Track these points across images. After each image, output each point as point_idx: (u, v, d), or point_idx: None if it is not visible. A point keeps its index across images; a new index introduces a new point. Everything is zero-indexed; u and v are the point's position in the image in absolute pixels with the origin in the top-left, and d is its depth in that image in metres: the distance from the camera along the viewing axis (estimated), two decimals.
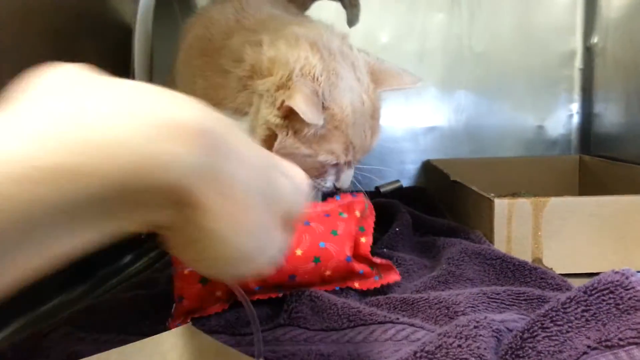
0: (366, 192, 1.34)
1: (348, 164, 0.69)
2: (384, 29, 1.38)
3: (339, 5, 1.34)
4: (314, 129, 0.62)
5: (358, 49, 0.74)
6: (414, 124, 1.40)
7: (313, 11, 1.31)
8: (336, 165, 0.68)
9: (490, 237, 0.81)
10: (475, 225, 0.89)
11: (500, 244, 0.80)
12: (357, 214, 0.67)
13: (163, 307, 0.61)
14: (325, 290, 0.64)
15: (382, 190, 1.37)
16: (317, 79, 0.61)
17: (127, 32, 0.84)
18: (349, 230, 0.64)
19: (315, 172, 0.69)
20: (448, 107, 1.39)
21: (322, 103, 0.62)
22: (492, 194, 1.24)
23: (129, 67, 0.84)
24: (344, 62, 0.66)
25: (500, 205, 0.79)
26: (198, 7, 1.16)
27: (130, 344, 0.48)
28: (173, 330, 0.50)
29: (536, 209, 0.78)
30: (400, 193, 1.35)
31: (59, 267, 0.64)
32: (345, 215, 0.66)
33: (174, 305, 0.59)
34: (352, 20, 1.34)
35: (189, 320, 0.59)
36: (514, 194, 1.27)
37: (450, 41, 1.36)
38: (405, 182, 1.40)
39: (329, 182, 0.70)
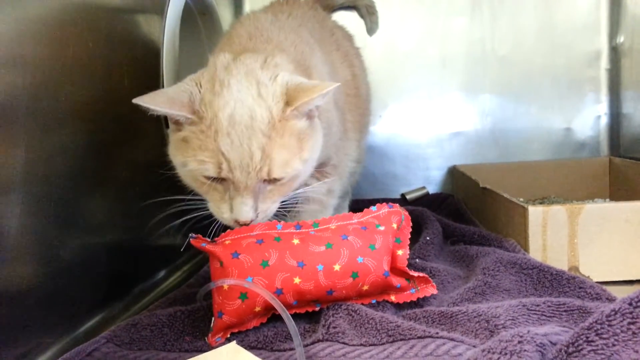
0: (392, 199, 1.36)
1: (237, 188, 0.62)
2: (405, 36, 1.38)
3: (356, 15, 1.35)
4: (176, 132, 0.64)
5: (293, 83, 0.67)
6: (438, 129, 1.39)
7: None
8: (221, 182, 0.63)
9: (524, 245, 0.80)
10: (507, 233, 0.88)
11: (535, 253, 0.79)
12: (394, 226, 0.67)
13: (201, 322, 0.62)
14: (362, 304, 0.64)
15: (408, 197, 1.36)
16: (199, 84, 0.64)
17: (155, 50, 0.86)
18: (387, 244, 0.64)
19: (199, 187, 0.65)
20: (473, 112, 1.38)
21: (192, 106, 0.62)
22: (521, 199, 1.23)
23: (159, 81, 0.86)
24: (245, 79, 0.64)
25: (535, 213, 0.78)
26: (221, 23, 1.18)
27: None
28: (219, 348, 0.51)
29: (571, 216, 0.77)
30: (426, 200, 1.35)
31: (97, 284, 0.64)
32: (382, 227, 0.66)
33: (214, 320, 0.60)
34: (371, 29, 1.34)
35: (228, 335, 0.60)
36: (544, 198, 1.26)
37: (473, 45, 1.35)
38: (432, 189, 1.39)
39: (224, 211, 0.64)
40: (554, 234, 0.78)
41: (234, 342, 0.52)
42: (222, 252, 0.60)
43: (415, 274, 0.66)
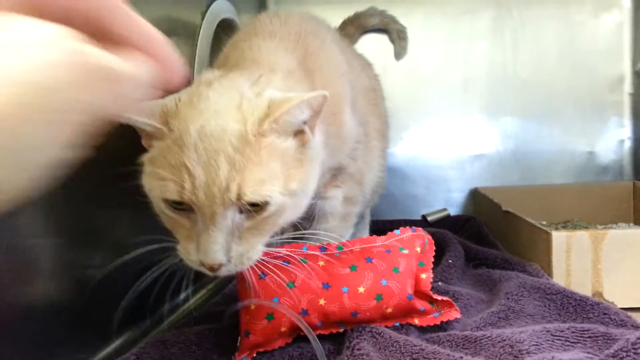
0: (413, 220, 1.36)
1: (204, 219, 0.51)
2: (427, 59, 1.40)
3: (384, 38, 1.37)
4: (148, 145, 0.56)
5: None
6: (460, 151, 1.40)
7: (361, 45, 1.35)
8: (187, 213, 0.53)
9: (548, 270, 0.80)
10: (530, 257, 0.88)
11: (559, 278, 0.79)
12: (418, 249, 0.68)
13: (228, 340, 0.63)
14: (386, 326, 0.65)
15: (429, 218, 1.37)
16: (177, 99, 0.56)
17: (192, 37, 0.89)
18: (410, 267, 0.65)
19: (166, 222, 0.57)
20: (495, 134, 1.38)
21: (164, 118, 0.54)
22: (544, 222, 1.23)
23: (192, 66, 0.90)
24: (227, 92, 0.56)
25: (558, 238, 0.78)
26: None
27: None
28: None
29: (595, 242, 0.77)
30: (448, 222, 1.35)
31: (120, 307, 0.64)
32: (406, 251, 0.67)
33: (240, 339, 0.61)
34: (400, 53, 1.36)
35: (254, 354, 0.61)
36: (567, 222, 1.25)
37: (494, 68, 1.37)
38: (453, 211, 1.39)
39: (190, 251, 0.54)
40: (578, 259, 0.78)
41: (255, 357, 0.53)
42: (249, 272, 0.61)
43: (439, 297, 0.67)
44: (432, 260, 0.70)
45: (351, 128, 0.75)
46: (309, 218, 0.80)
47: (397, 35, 1.33)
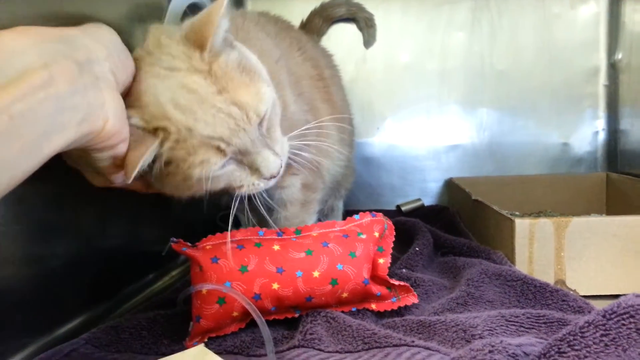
0: (387, 210, 1.36)
1: (249, 152, 0.57)
2: (404, 49, 1.39)
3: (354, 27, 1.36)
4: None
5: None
6: (436, 142, 1.39)
7: (331, 34, 1.34)
8: (230, 165, 0.57)
9: (511, 257, 0.80)
10: (497, 245, 0.88)
11: (521, 265, 0.78)
12: (376, 234, 0.67)
13: (180, 326, 0.62)
14: (342, 311, 0.64)
15: (403, 208, 1.36)
16: (137, 117, 0.55)
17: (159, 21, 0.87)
18: (367, 252, 0.64)
19: (217, 186, 0.58)
20: (470, 125, 1.38)
21: (148, 133, 0.54)
22: (518, 213, 1.23)
23: None
24: (152, 70, 0.56)
25: (521, 225, 0.78)
26: None
27: None
28: (186, 351, 0.51)
29: (558, 229, 0.76)
30: (422, 212, 1.34)
31: (81, 287, 0.66)
32: (363, 235, 0.66)
33: (192, 324, 0.60)
34: (368, 42, 1.35)
35: (206, 340, 0.60)
36: (540, 213, 1.25)
37: (471, 59, 1.36)
38: (428, 201, 1.39)
39: (254, 181, 0.60)
40: (541, 247, 0.77)
41: (202, 344, 0.52)
42: (201, 257, 0.60)
43: (397, 282, 0.66)
44: (392, 245, 0.70)
45: (295, 111, 0.75)
46: (269, 210, 0.80)
47: (365, 23, 1.32)
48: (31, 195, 0.58)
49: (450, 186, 1.35)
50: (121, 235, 0.78)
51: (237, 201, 0.61)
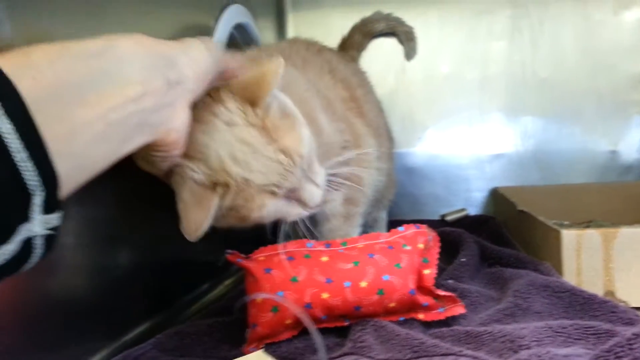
0: (431, 220, 1.37)
1: (295, 189, 0.62)
2: (444, 59, 1.40)
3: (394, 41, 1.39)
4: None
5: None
6: (479, 151, 1.39)
7: (369, 46, 1.37)
8: (278, 200, 0.61)
9: (559, 269, 0.80)
10: (544, 256, 0.88)
11: (569, 276, 0.79)
12: (421, 246, 0.69)
13: (238, 332, 0.66)
14: (390, 321, 0.66)
15: (447, 218, 1.37)
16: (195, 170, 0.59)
17: None
18: (412, 263, 0.67)
19: (269, 218, 0.63)
20: (514, 134, 1.38)
21: (209, 187, 0.59)
22: (567, 222, 1.21)
23: None
24: (217, 120, 0.60)
25: (569, 236, 0.78)
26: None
27: None
28: (247, 356, 0.54)
29: (606, 240, 0.76)
30: (466, 222, 1.34)
31: (144, 295, 0.71)
32: (408, 247, 0.68)
33: (248, 331, 0.64)
34: (409, 54, 1.37)
35: (262, 346, 0.63)
36: (590, 222, 1.23)
37: (513, 67, 1.36)
38: (472, 211, 1.39)
39: (298, 211, 0.64)
40: (589, 258, 0.77)
41: (261, 350, 0.56)
42: (255, 268, 0.64)
43: (443, 293, 0.68)
44: (437, 256, 0.71)
45: (330, 133, 0.78)
46: (314, 223, 0.84)
47: (405, 36, 1.34)
48: (97, 210, 0.63)
49: (495, 196, 1.35)
50: (179, 247, 0.82)
51: (285, 223, 0.66)
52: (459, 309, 0.68)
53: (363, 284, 0.63)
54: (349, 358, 0.58)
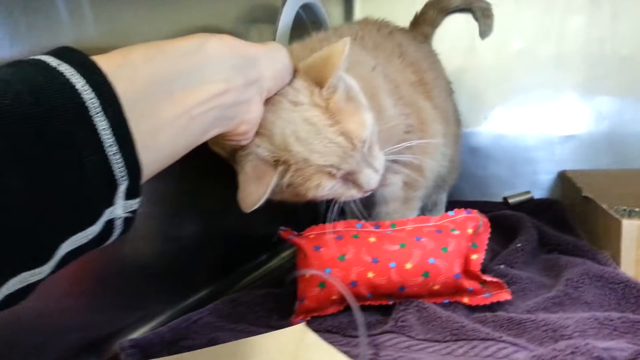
0: (493, 202, 1.34)
1: (353, 171, 0.62)
2: (516, 35, 1.34)
3: (469, 17, 1.34)
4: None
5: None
6: (549, 131, 1.34)
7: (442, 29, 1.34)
8: (335, 181, 0.62)
9: (617, 259, 0.77)
10: (604, 245, 0.85)
11: (627, 268, 0.76)
12: (470, 231, 0.70)
13: (288, 304, 0.71)
14: (435, 303, 0.68)
15: (510, 201, 1.34)
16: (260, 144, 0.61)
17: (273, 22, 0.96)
18: (460, 248, 0.67)
19: (324, 196, 0.64)
20: (588, 114, 1.30)
21: (271, 162, 0.61)
22: (638, 209, 1.15)
23: None
24: (284, 99, 0.61)
25: (629, 226, 0.75)
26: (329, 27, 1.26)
27: (256, 336, 0.58)
28: (289, 328, 0.59)
29: None
30: (530, 205, 1.31)
31: (206, 264, 0.78)
32: (457, 231, 0.69)
33: (297, 303, 0.68)
34: (485, 32, 1.33)
35: (309, 318, 0.67)
36: None
37: (591, 44, 1.28)
38: (538, 194, 1.34)
39: (354, 193, 0.65)
40: None
41: (304, 323, 0.59)
42: (306, 245, 0.68)
43: (489, 278, 0.68)
44: (486, 242, 0.71)
45: (393, 115, 0.78)
46: (371, 204, 0.85)
47: (481, 13, 1.29)
48: (165, 184, 0.69)
49: (563, 179, 1.29)
50: (238, 219, 0.88)
51: (337, 204, 0.68)
52: (504, 295, 0.68)
53: (408, 265, 0.65)
54: (389, 335, 0.61)
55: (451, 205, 1.31)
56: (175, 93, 0.43)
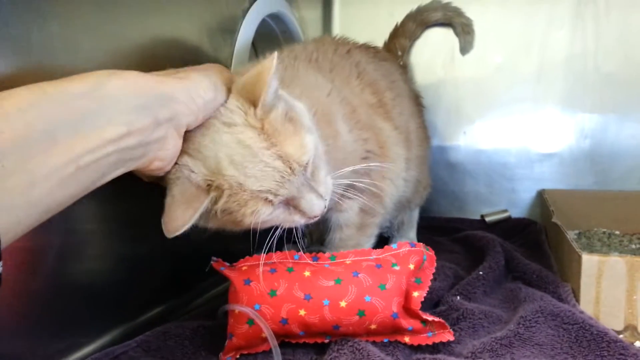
0: (470, 219, 1.30)
1: (294, 197, 0.59)
2: (498, 48, 1.30)
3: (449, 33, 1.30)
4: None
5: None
6: (528, 149, 1.29)
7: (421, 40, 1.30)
8: (274, 208, 0.59)
9: (577, 295, 0.73)
10: (568, 277, 0.81)
11: (587, 305, 0.72)
12: (411, 266, 0.65)
13: (219, 339, 0.66)
14: (374, 341, 0.64)
15: (487, 219, 1.30)
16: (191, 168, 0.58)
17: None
18: (399, 285, 0.63)
19: (265, 225, 0.60)
20: (569, 132, 1.26)
21: (203, 189, 0.57)
22: (617, 232, 1.11)
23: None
24: (217, 121, 0.58)
25: (589, 262, 0.71)
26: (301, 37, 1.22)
27: None
28: None
29: (631, 270, 0.68)
30: (507, 224, 1.27)
31: (158, 282, 0.74)
32: (398, 267, 0.65)
33: (227, 340, 0.64)
34: (465, 48, 1.28)
35: (238, 356, 0.63)
36: None
37: (573, 60, 1.23)
38: (516, 213, 1.30)
39: (298, 220, 0.61)
40: (610, 288, 0.70)
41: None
42: (236, 278, 0.64)
43: (430, 318, 0.64)
44: (431, 277, 0.67)
45: (349, 141, 0.75)
46: (324, 230, 0.82)
47: (461, 29, 1.25)
48: (114, 207, 0.66)
49: (542, 199, 1.25)
50: (187, 242, 0.84)
51: (278, 230, 0.63)
52: (447, 336, 0.64)
53: (343, 303, 0.61)
54: None
55: (430, 221, 1.28)
56: (60, 142, 0.40)
